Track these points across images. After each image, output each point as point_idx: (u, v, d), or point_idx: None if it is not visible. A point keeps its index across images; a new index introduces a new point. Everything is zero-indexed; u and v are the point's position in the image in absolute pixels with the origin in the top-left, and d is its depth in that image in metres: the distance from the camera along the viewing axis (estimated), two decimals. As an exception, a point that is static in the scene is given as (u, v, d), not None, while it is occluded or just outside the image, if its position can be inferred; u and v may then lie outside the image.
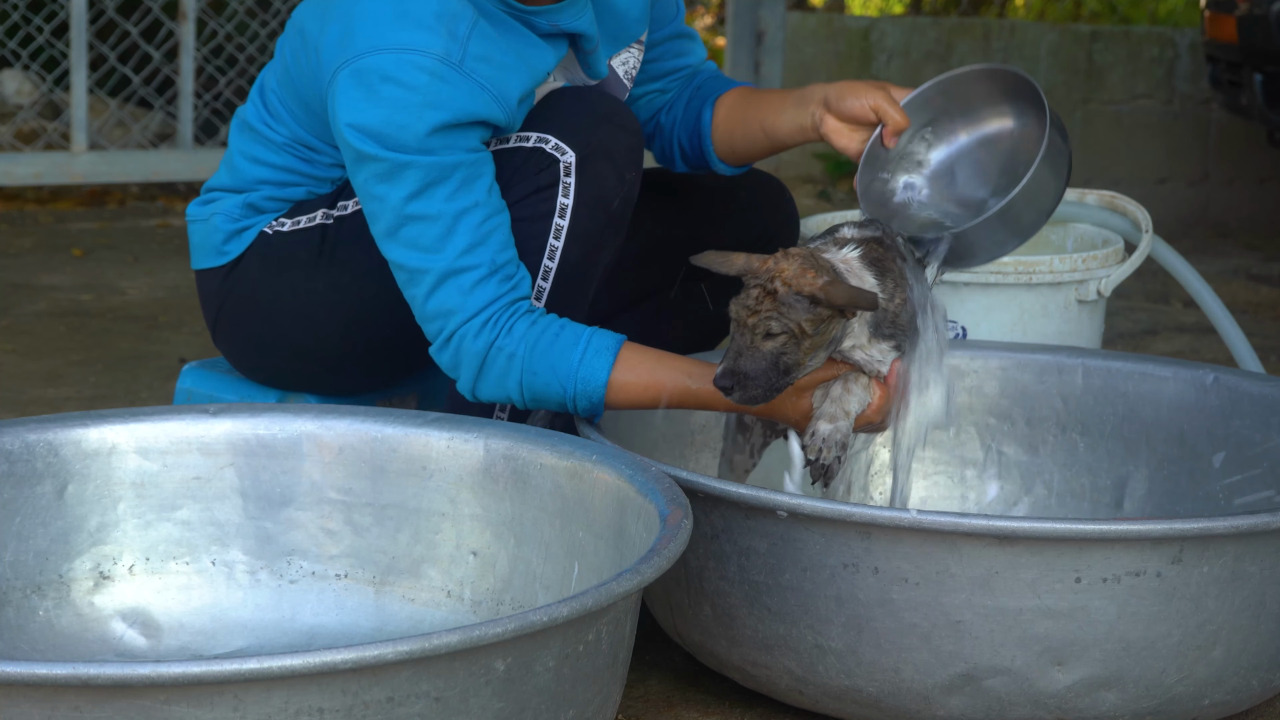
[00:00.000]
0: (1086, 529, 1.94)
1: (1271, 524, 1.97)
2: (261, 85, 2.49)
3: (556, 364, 2.21)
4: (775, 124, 2.49)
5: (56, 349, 4.02)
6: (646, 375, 2.22)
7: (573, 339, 2.22)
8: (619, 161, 2.32)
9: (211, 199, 2.52)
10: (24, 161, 5.67)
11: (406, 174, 2.21)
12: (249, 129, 2.48)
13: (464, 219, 2.22)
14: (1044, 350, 2.69)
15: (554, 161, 2.29)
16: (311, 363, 2.50)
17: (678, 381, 2.22)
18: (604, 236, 2.33)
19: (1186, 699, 2.05)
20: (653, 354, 2.24)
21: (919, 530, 1.96)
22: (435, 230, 2.22)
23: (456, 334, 2.24)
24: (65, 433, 2.17)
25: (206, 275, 2.53)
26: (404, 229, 2.23)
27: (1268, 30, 5.14)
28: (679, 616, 2.19)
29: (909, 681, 2.03)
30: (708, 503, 2.06)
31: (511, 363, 2.23)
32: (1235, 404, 2.54)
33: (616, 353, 2.22)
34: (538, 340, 2.22)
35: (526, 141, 2.31)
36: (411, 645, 1.55)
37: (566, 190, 2.29)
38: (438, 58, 2.20)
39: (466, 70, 2.22)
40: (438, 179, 2.21)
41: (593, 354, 2.21)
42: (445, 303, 2.23)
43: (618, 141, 2.32)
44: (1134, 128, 6.50)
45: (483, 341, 2.23)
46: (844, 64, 6.13)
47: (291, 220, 2.45)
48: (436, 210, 2.21)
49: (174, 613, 2.19)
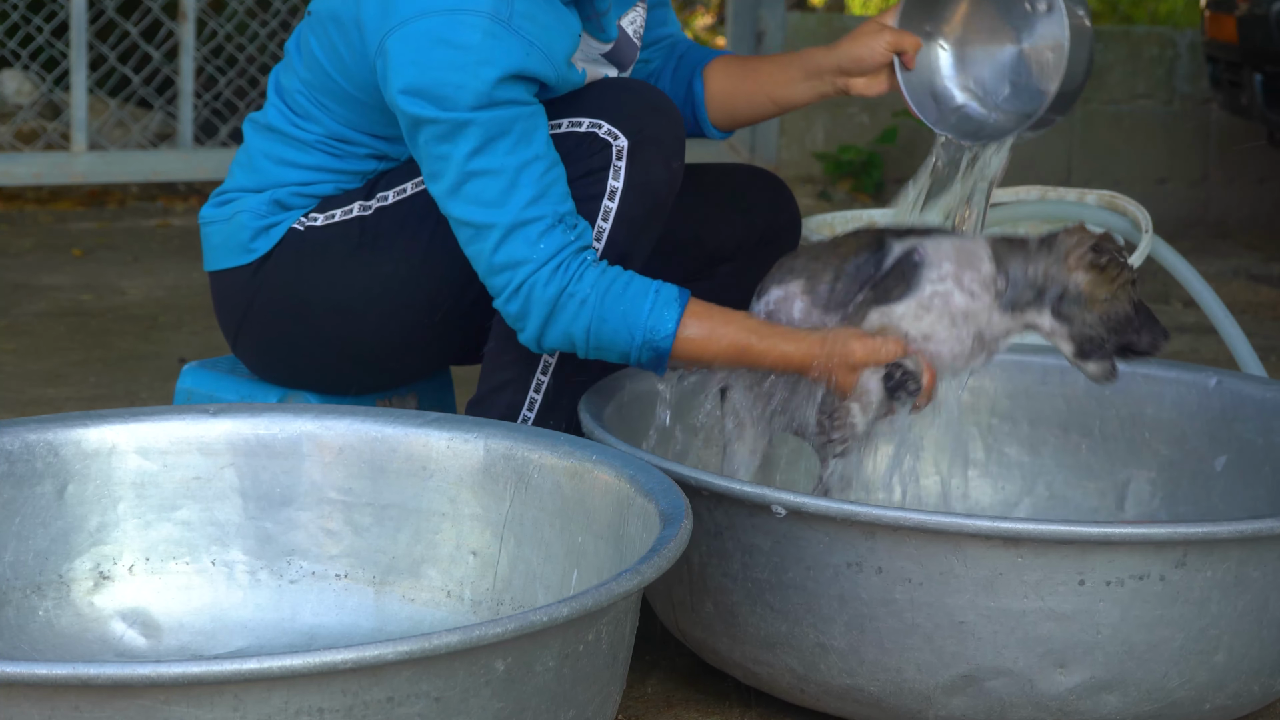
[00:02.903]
0: (1091, 531, 1.94)
1: (1275, 529, 1.97)
2: (278, 88, 2.48)
3: (628, 312, 2.24)
4: (788, 95, 2.56)
5: (56, 349, 4.02)
6: (711, 330, 2.25)
7: (642, 289, 2.25)
8: (667, 150, 2.36)
9: (229, 199, 2.50)
10: (24, 161, 5.67)
11: (467, 132, 2.23)
12: (272, 132, 2.47)
13: (526, 172, 2.25)
14: (1046, 351, 2.68)
15: (606, 146, 2.33)
16: (344, 358, 2.49)
17: (741, 338, 2.25)
18: (649, 221, 2.37)
19: (1188, 703, 2.05)
20: (718, 310, 2.28)
21: (923, 530, 1.96)
22: (499, 185, 2.24)
23: (527, 283, 2.25)
24: (65, 433, 2.17)
25: (229, 275, 2.51)
26: (467, 185, 2.25)
27: (1268, 30, 5.15)
28: (681, 613, 2.19)
29: (911, 681, 2.03)
30: (711, 500, 2.06)
31: (583, 308, 2.25)
32: (1238, 407, 2.54)
33: (684, 305, 2.25)
34: (609, 288, 2.25)
35: (579, 126, 2.35)
36: (411, 645, 1.55)
37: (617, 174, 2.33)
38: (488, 15, 2.22)
39: (515, 27, 2.24)
40: (498, 134, 2.23)
41: (662, 304, 2.25)
42: (514, 254, 2.25)
43: (667, 131, 2.36)
44: (1134, 128, 6.50)
45: (555, 288, 2.25)
46: (844, 64, 6.12)
47: (325, 215, 2.45)
48: (499, 165, 2.24)
49: (174, 613, 2.19)
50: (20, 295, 4.56)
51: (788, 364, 2.24)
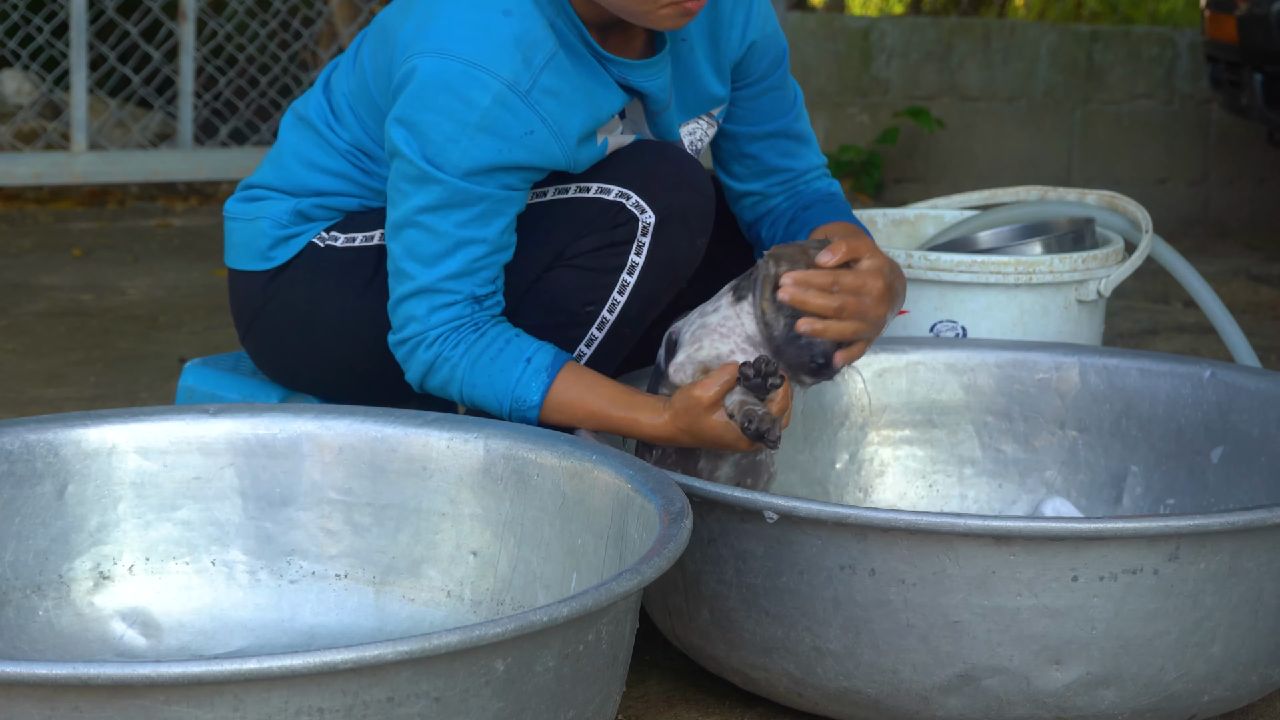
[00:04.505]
0: (1082, 528, 1.94)
1: (1268, 520, 1.97)
2: (328, 83, 2.47)
3: (495, 381, 2.27)
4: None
5: (56, 349, 4.02)
6: (577, 398, 2.26)
7: (514, 357, 2.26)
8: (693, 226, 2.34)
9: (256, 196, 2.50)
10: (24, 161, 5.68)
11: (430, 187, 2.23)
12: (308, 126, 2.46)
13: (465, 249, 2.25)
14: (1041, 348, 2.69)
15: (633, 219, 2.31)
16: (347, 376, 2.49)
17: (601, 407, 2.25)
18: (663, 296, 2.37)
19: (1185, 696, 2.05)
20: (588, 378, 2.27)
21: (915, 531, 1.96)
22: (435, 247, 2.25)
23: (411, 340, 2.29)
24: (65, 433, 2.17)
25: (245, 277, 2.51)
26: (408, 231, 2.26)
27: (1268, 30, 5.15)
28: (677, 621, 2.19)
29: (907, 682, 2.03)
30: (704, 506, 2.07)
31: (455, 372, 2.28)
32: (1233, 399, 2.55)
33: (554, 374, 2.26)
34: (480, 356, 2.27)
35: (608, 194, 2.32)
36: (411, 645, 1.55)
37: (640, 250, 2.32)
38: (505, 82, 2.19)
39: (532, 101, 2.21)
40: (457, 203, 2.23)
41: (530, 375, 2.26)
42: (413, 311, 2.28)
43: (694, 207, 2.33)
44: (1134, 128, 6.50)
45: (431, 353, 2.28)
46: (844, 64, 6.13)
47: (345, 235, 2.45)
48: (444, 230, 2.24)
49: (174, 613, 2.19)
50: (20, 295, 4.57)
51: (645, 431, 2.24)
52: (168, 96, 6.25)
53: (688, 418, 2.20)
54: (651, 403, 2.24)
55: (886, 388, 2.69)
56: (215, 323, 4.31)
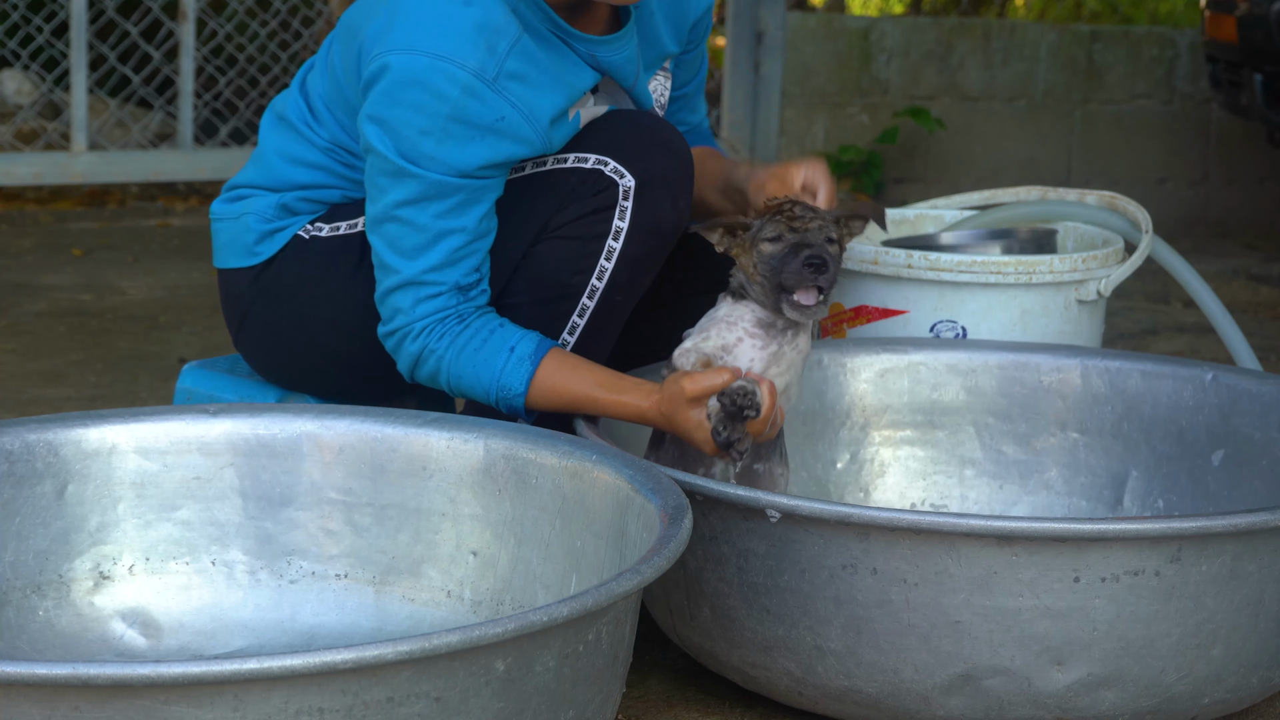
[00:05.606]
0: (1084, 529, 1.94)
1: (1269, 522, 1.97)
2: (303, 83, 2.49)
3: (480, 371, 2.30)
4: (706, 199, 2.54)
5: (56, 349, 4.02)
6: (562, 383, 2.28)
7: (498, 347, 2.29)
8: (674, 189, 2.36)
9: (240, 195, 2.51)
10: (24, 161, 5.67)
11: (406, 181, 2.25)
12: (286, 125, 2.48)
13: (445, 239, 2.27)
14: (1042, 349, 2.69)
15: (613, 185, 2.33)
16: (339, 367, 2.50)
17: (587, 391, 2.27)
18: (651, 260, 2.38)
19: (1186, 698, 2.05)
20: (572, 363, 2.30)
21: (917, 531, 1.96)
22: (415, 240, 2.28)
23: (399, 332, 2.32)
24: (65, 433, 2.17)
25: (233, 275, 2.52)
26: (388, 225, 2.29)
27: (1268, 30, 5.15)
28: (678, 619, 2.19)
29: (908, 682, 2.03)
30: (706, 504, 2.07)
31: (440, 363, 2.31)
32: (1234, 402, 2.55)
33: (539, 361, 2.28)
34: (464, 347, 2.30)
35: (585, 162, 2.34)
36: (411, 645, 1.55)
37: (623, 214, 2.34)
38: (472, 71, 2.22)
39: (499, 88, 2.24)
40: (435, 195, 2.25)
41: (514, 364, 2.28)
42: (399, 303, 2.31)
43: (673, 169, 2.36)
44: (1134, 128, 6.50)
45: (418, 345, 2.31)
46: (844, 64, 6.13)
47: (330, 225, 2.46)
48: (423, 223, 2.27)
49: (174, 613, 2.19)
50: (20, 295, 4.57)
51: (630, 414, 2.27)
52: (168, 96, 6.25)
53: (670, 404, 2.22)
54: (640, 385, 2.26)
55: (888, 388, 2.69)
56: (215, 323, 4.31)
